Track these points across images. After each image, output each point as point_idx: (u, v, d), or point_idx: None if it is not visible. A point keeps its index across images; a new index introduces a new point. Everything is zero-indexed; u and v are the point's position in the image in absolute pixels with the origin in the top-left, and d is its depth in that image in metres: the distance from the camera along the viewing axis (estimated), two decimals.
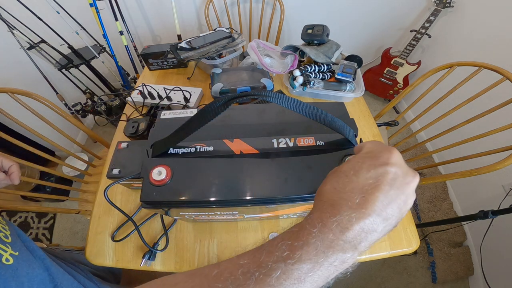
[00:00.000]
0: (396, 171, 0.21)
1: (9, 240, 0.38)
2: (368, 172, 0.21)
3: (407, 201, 0.21)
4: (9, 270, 0.34)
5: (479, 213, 0.83)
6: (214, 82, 0.81)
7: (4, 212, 1.44)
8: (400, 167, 0.22)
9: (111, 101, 1.57)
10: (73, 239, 1.38)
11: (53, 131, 0.87)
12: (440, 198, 1.43)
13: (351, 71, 0.80)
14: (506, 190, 1.07)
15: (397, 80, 1.69)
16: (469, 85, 0.77)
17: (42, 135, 0.85)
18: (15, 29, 1.15)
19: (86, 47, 1.39)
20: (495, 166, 0.60)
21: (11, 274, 0.34)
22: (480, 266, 1.14)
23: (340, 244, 0.19)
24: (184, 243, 0.57)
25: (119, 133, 0.78)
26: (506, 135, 0.70)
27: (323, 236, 0.19)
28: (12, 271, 0.34)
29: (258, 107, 0.46)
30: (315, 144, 0.37)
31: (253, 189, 0.33)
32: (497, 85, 0.71)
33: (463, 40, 1.38)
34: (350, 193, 0.21)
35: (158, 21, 1.57)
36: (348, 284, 1.21)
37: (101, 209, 0.62)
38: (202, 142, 0.37)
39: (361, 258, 0.55)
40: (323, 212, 0.21)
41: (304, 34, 0.89)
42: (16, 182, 0.53)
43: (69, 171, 1.46)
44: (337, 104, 0.45)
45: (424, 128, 0.89)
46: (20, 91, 0.79)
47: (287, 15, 1.43)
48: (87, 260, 0.56)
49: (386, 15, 1.62)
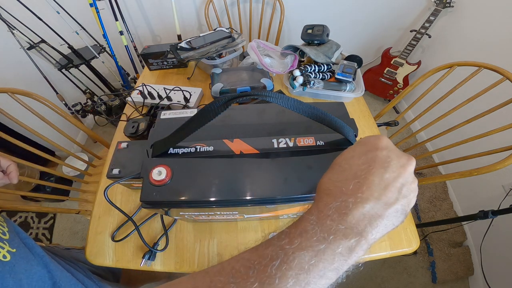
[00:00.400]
0: (387, 154, 0.21)
1: (7, 237, 0.38)
2: (359, 159, 0.21)
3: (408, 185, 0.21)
4: (7, 267, 0.34)
5: (479, 213, 0.83)
6: (214, 82, 0.81)
7: (4, 212, 1.44)
8: (392, 151, 0.22)
9: (111, 101, 1.56)
10: (73, 239, 1.38)
11: (53, 131, 0.87)
12: (440, 198, 1.43)
13: (351, 71, 0.80)
14: (506, 190, 1.07)
15: (397, 80, 1.69)
16: (469, 85, 0.77)
17: (42, 135, 0.85)
18: (15, 29, 1.15)
19: (86, 47, 1.39)
20: (495, 166, 0.60)
21: (9, 271, 0.34)
22: (480, 266, 1.14)
23: (340, 229, 0.18)
24: (184, 243, 0.57)
25: (119, 133, 0.78)
26: (506, 135, 0.70)
27: (321, 222, 0.19)
28: (9, 268, 0.34)
29: (258, 107, 0.46)
30: (315, 144, 0.37)
31: (253, 189, 0.33)
32: (497, 85, 0.71)
33: (463, 40, 1.38)
34: (344, 180, 0.21)
35: (158, 21, 1.57)
36: (348, 284, 1.20)
37: (101, 209, 0.62)
38: (202, 142, 0.37)
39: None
40: (319, 202, 0.21)
41: (304, 34, 0.89)
42: (15, 181, 0.52)
43: (69, 171, 1.46)
44: (337, 104, 0.45)
45: (424, 128, 0.89)
46: (20, 91, 0.79)
47: (287, 15, 1.43)
48: (86, 259, 0.56)
49: (386, 15, 1.62)
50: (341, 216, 0.19)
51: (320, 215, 0.19)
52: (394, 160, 0.21)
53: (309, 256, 0.18)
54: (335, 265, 0.18)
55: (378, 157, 0.21)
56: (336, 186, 0.21)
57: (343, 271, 0.19)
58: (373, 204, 0.19)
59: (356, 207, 0.19)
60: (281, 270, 0.18)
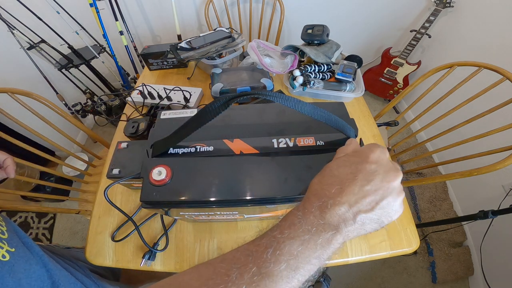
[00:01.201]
0: (375, 168, 0.24)
1: (6, 237, 0.38)
2: (349, 168, 0.24)
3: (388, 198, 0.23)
4: (6, 266, 0.34)
5: (479, 213, 0.83)
6: (214, 82, 0.81)
7: (4, 212, 1.44)
8: (381, 165, 0.24)
9: (111, 101, 1.57)
10: (73, 239, 1.38)
11: (53, 131, 0.87)
12: (440, 198, 1.43)
13: (351, 71, 0.80)
14: (506, 190, 1.07)
15: (397, 80, 1.69)
16: (469, 85, 0.77)
17: (42, 135, 0.85)
18: (15, 29, 1.15)
19: (86, 47, 1.39)
20: (495, 166, 0.60)
21: (8, 271, 0.34)
22: (480, 266, 1.14)
23: (320, 224, 0.22)
24: (184, 243, 0.57)
25: (119, 133, 0.78)
26: (506, 135, 0.70)
27: (306, 217, 0.23)
28: (8, 267, 0.34)
29: (258, 107, 0.46)
30: (315, 144, 0.37)
31: (253, 189, 0.33)
32: (497, 85, 0.71)
33: (463, 40, 1.38)
34: (331, 185, 0.24)
35: (158, 21, 1.57)
36: (348, 284, 1.21)
37: (101, 209, 0.62)
38: (202, 142, 0.37)
39: (359, 259, 0.55)
40: (307, 201, 0.24)
41: (304, 34, 0.89)
42: (12, 176, 0.51)
43: (69, 171, 1.46)
44: (337, 104, 0.45)
45: (424, 128, 0.89)
46: (20, 91, 0.79)
47: (287, 15, 1.43)
48: (86, 259, 0.56)
49: (386, 15, 1.62)
50: (321, 213, 0.22)
51: (305, 211, 0.23)
52: (380, 175, 0.23)
53: (296, 244, 0.21)
54: (317, 254, 0.22)
55: (366, 169, 0.24)
56: (322, 189, 0.24)
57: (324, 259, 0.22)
58: (347, 208, 0.22)
59: (333, 208, 0.22)
60: (275, 255, 0.21)
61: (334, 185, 0.23)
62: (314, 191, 0.25)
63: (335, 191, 0.23)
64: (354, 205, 0.22)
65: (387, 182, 0.23)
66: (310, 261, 0.21)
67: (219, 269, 0.22)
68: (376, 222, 0.23)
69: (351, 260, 0.55)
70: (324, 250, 0.22)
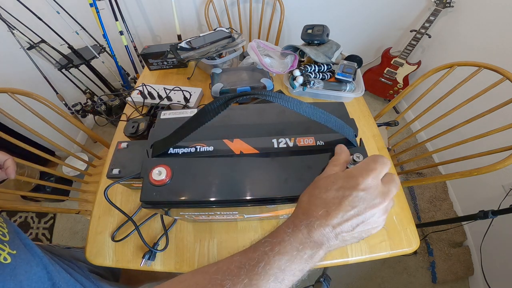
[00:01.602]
0: (363, 195, 0.25)
1: (7, 239, 0.38)
2: (337, 192, 0.26)
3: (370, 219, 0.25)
4: (7, 269, 0.34)
5: (479, 213, 0.83)
6: (214, 82, 0.81)
7: (4, 212, 1.44)
8: (369, 193, 0.25)
9: (111, 101, 1.57)
10: (73, 239, 1.38)
11: (53, 131, 0.87)
12: (440, 198, 1.43)
13: (351, 71, 0.80)
14: (506, 190, 1.07)
15: (397, 80, 1.69)
16: (469, 85, 0.77)
17: (42, 135, 0.85)
18: (15, 29, 1.15)
19: (86, 47, 1.39)
20: (495, 166, 0.60)
21: (9, 273, 0.34)
22: (480, 266, 1.14)
23: (307, 242, 0.24)
24: (184, 243, 0.57)
25: (119, 133, 0.78)
26: (506, 135, 0.70)
27: (295, 235, 0.25)
28: (10, 270, 0.34)
29: (258, 107, 0.46)
30: (315, 144, 0.37)
31: (253, 189, 0.33)
32: (497, 85, 0.71)
33: (463, 40, 1.38)
34: (318, 205, 0.26)
35: (158, 21, 1.57)
36: (348, 284, 1.21)
37: (101, 209, 0.62)
38: (202, 142, 0.37)
39: (359, 259, 0.55)
40: (296, 218, 0.26)
41: (304, 34, 0.89)
42: (12, 177, 0.51)
43: (69, 171, 1.46)
44: (337, 104, 0.45)
45: (424, 128, 0.89)
46: (20, 91, 0.79)
47: (287, 15, 1.43)
48: (86, 259, 0.56)
49: (386, 15, 1.62)
50: (308, 232, 0.25)
51: (295, 229, 0.25)
52: (365, 202, 0.25)
53: (285, 259, 0.24)
54: (301, 267, 0.24)
55: (352, 196, 0.25)
56: (310, 209, 0.26)
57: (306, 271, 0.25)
58: (331, 229, 0.25)
59: (319, 228, 0.24)
60: (265, 269, 0.24)
61: (321, 207, 0.25)
62: (303, 209, 0.27)
63: (322, 213, 0.25)
64: (337, 227, 0.24)
65: (370, 208, 0.25)
66: (295, 273, 0.24)
67: (215, 280, 0.24)
68: (356, 238, 0.26)
69: (351, 260, 0.55)
70: (307, 264, 0.25)
